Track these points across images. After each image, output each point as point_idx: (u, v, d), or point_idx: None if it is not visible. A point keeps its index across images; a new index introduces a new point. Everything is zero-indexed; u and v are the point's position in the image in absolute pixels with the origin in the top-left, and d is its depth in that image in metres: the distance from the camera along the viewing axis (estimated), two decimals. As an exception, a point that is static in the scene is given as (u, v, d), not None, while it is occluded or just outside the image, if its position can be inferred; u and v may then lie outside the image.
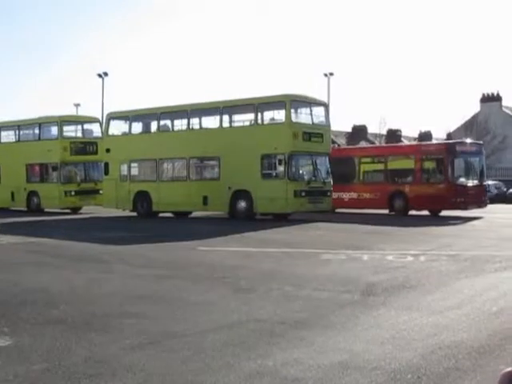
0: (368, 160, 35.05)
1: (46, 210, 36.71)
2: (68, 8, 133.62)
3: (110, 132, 34.55)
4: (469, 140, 38.16)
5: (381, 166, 34.20)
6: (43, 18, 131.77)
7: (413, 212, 32.20)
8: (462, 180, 31.78)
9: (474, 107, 74.58)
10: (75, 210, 37.50)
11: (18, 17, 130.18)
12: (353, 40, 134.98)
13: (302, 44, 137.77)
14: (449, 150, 31.62)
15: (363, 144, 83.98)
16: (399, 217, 30.93)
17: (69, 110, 64.43)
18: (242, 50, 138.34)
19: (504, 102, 73.50)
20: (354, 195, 34.13)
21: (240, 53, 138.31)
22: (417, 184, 31.98)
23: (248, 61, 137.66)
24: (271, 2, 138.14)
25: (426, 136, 71.25)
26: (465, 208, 31.09)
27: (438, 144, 35.69)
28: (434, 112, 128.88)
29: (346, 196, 34.12)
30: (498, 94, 72.85)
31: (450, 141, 35.72)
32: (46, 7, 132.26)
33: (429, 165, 32.67)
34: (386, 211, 32.78)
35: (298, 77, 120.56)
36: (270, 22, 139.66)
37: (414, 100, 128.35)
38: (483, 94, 73.72)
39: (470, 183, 32.09)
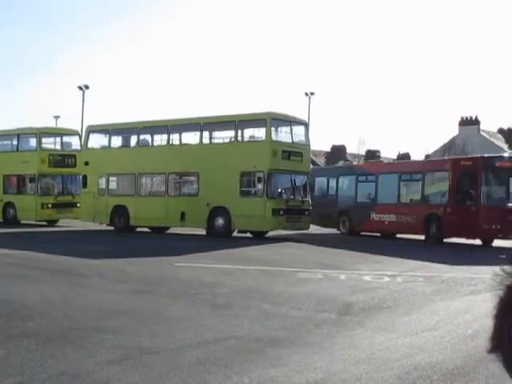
0: (407, 177, 30.92)
1: (23, 221, 36.40)
2: (49, 20, 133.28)
3: (90, 145, 34.43)
4: (507, 154, 35.74)
5: (417, 185, 29.96)
6: (25, 30, 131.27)
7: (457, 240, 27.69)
8: (499, 202, 27.00)
9: (453, 130, 75.36)
10: (52, 223, 37.16)
11: None
12: (334, 60, 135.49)
13: (284, 63, 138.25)
14: (483, 164, 27.05)
15: (341, 164, 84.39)
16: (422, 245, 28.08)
17: (48, 122, 64.09)
18: (223, 68, 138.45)
19: (482, 126, 74.25)
20: (393, 218, 30.34)
21: (221, 70, 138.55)
22: (451, 206, 27.54)
23: (229, 78, 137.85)
24: (253, 21, 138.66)
25: (404, 158, 71.65)
26: (504, 237, 26.20)
27: (471, 158, 30.31)
28: (412, 134, 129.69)
29: (386, 218, 30.73)
30: (476, 118, 73.59)
31: (486, 154, 29.98)
32: (26, 19, 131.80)
33: (463, 183, 27.60)
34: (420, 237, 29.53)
35: (279, 95, 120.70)
36: (251, 41, 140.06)
37: (393, 121, 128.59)
38: (462, 118, 74.46)
39: (510, 206, 26.59)
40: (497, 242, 26.71)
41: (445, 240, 27.73)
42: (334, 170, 39.66)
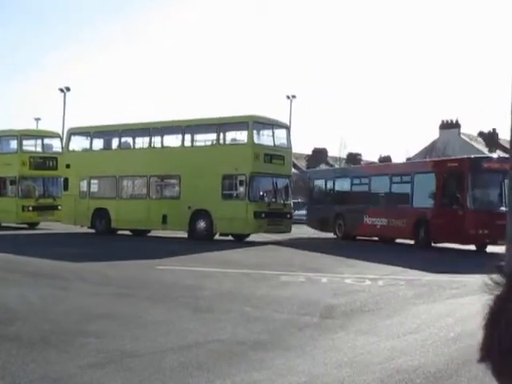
0: (398, 179, 29.82)
1: (3, 224, 36.17)
2: (32, 22, 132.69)
3: (71, 147, 34.31)
4: (496, 155, 34.76)
5: (407, 188, 28.76)
6: (6, 32, 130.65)
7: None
8: (487, 205, 25.39)
9: (433, 133, 75.71)
10: (33, 226, 36.94)
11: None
12: (316, 63, 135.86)
13: (266, 66, 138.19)
14: (470, 165, 25.70)
15: (323, 167, 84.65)
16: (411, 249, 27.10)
17: (29, 124, 63.77)
18: (204, 70, 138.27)
19: (462, 129, 74.66)
20: (384, 222, 29.51)
21: (202, 73, 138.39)
22: (438, 210, 26.51)
23: (210, 81, 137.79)
24: (235, 23, 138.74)
25: (385, 161, 71.99)
26: (493, 242, 24.07)
27: (458, 159, 28.25)
28: (393, 137, 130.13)
29: (378, 222, 29.97)
30: (456, 121, 73.95)
31: (473, 155, 29.24)
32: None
33: (449, 185, 26.45)
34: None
35: (261, 98, 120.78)
36: (233, 43, 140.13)
37: (375, 124, 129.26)
38: (442, 121, 74.76)
39: (499, 210, 23.72)
40: (495, 248, 24.05)
41: (437, 245, 26.75)
42: (330, 172, 39.42)
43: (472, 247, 25.99)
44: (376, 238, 31.40)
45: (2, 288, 13.41)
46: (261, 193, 28.55)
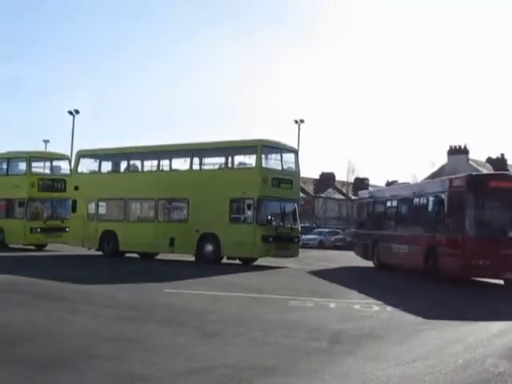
0: (413, 202, 26.83)
1: (11, 246, 36.28)
2: (42, 45, 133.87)
3: (79, 170, 34.48)
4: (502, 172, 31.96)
5: (419, 211, 25.88)
6: (16, 54, 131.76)
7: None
8: (489, 232, 21.41)
9: (442, 159, 75.82)
10: (40, 247, 37.13)
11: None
12: (324, 88, 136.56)
13: (274, 91, 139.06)
14: (472, 184, 21.74)
15: (330, 191, 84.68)
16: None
17: (38, 146, 64.11)
18: (214, 95, 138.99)
19: (470, 155, 74.75)
20: (405, 249, 26.04)
21: (212, 97, 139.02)
22: (445, 237, 22.55)
23: (218, 106, 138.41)
24: (244, 49, 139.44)
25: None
26: (495, 276, 22.01)
27: (462, 177, 23.13)
28: (401, 162, 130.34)
29: (402, 250, 26.42)
30: (465, 147, 74.12)
31: (475, 173, 25.75)
32: (16, 43, 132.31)
33: (453, 208, 22.23)
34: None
35: (269, 123, 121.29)
36: (243, 68, 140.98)
37: (383, 149, 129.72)
38: (450, 147, 74.93)
39: (504, 237, 21.11)
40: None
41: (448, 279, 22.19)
42: (370, 194, 35.26)
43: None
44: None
45: (9, 309, 13.39)
46: (268, 217, 28.52)
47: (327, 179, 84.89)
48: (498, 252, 20.48)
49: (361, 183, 76.54)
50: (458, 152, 73.88)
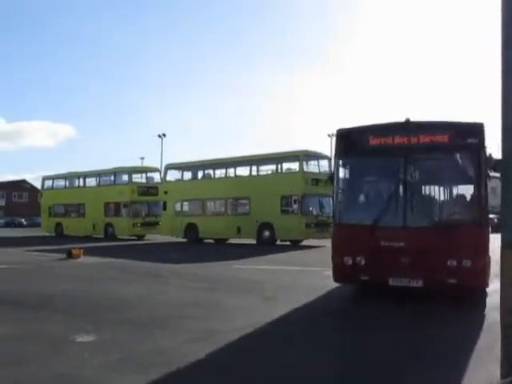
0: None
1: (119, 237, 37.05)
2: (131, 74, 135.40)
3: (167, 178, 34.93)
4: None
5: None
6: (116, 81, 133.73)
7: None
8: None
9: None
10: (140, 237, 37.86)
11: (100, 86, 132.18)
12: (353, 106, 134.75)
13: (311, 109, 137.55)
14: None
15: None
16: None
17: (136, 162, 65.18)
18: (268, 116, 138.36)
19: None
20: None
21: (265, 117, 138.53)
22: None
23: (266, 124, 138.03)
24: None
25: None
26: None
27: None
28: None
29: None
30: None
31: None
32: (116, 73, 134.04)
33: None
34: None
35: (307, 136, 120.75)
36: (287, 90, 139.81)
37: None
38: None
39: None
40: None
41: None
42: None
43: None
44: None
45: (120, 285, 13.66)
46: (310, 208, 28.53)
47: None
48: None
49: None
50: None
